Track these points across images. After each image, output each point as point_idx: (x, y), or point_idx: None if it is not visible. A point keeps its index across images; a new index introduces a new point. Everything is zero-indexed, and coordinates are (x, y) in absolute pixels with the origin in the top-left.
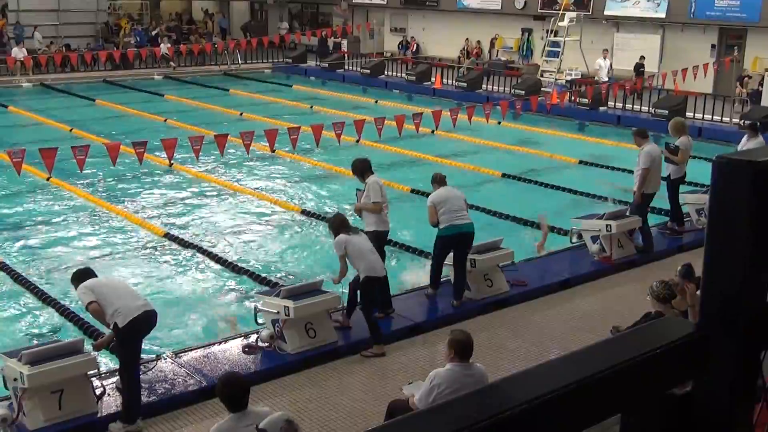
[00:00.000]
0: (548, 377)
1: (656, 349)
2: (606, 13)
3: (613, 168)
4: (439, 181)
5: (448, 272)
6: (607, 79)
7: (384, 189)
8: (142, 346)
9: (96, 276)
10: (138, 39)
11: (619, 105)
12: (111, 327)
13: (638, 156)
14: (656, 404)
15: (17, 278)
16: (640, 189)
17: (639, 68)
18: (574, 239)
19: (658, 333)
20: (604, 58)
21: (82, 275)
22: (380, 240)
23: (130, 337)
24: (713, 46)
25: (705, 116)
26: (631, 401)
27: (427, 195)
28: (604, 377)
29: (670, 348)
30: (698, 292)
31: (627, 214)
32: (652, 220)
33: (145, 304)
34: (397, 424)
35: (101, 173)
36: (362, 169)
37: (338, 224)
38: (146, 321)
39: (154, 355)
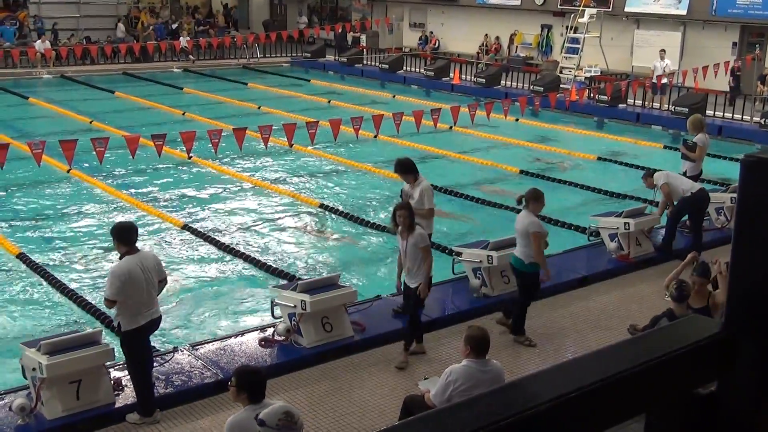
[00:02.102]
0: (573, 375)
1: (681, 349)
2: (626, 9)
3: (631, 165)
4: (528, 198)
5: (463, 268)
6: (665, 80)
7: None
8: (159, 338)
9: (135, 244)
10: (157, 32)
11: (639, 102)
12: (114, 323)
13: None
14: (680, 404)
15: (37, 269)
16: (662, 210)
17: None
18: (592, 237)
19: (683, 332)
20: (661, 58)
21: (123, 234)
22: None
23: (132, 341)
24: (734, 44)
25: (725, 115)
26: (655, 401)
27: (445, 191)
28: (629, 376)
29: (695, 347)
30: (715, 291)
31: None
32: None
33: (154, 312)
34: (420, 420)
35: (121, 165)
36: (413, 168)
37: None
38: (149, 328)
39: (171, 347)
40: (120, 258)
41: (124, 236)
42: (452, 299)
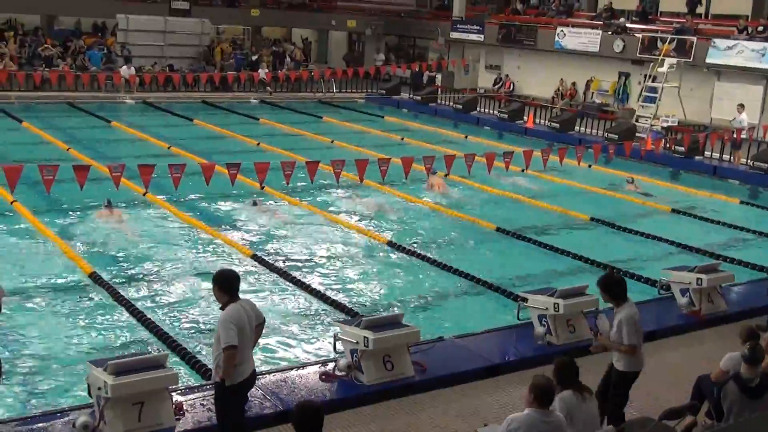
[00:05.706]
0: None
1: None
2: (708, 61)
3: (706, 219)
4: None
5: (528, 314)
6: (744, 135)
7: (639, 323)
8: None
9: (238, 294)
10: (237, 63)
11: (716, 155)
12: (218, 378)
13: None
14: None
15: (110, 290)
16: None
17: None
18: (662, 290)
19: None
20: (739, 113)
21: (229, 283)
22: (627, 382)
23: (234, 398)
24: None
25: None
26: None
27: (513, 234)
28: None
29: None
30: None
31: None
32: (749, 273)
33: (252, 363)
34: None
35: (195, 191)
36: (620, 293)
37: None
38: (252, 382)
39: None
40: (222, 307)
41: (229, 285)
42: (515, 345)
